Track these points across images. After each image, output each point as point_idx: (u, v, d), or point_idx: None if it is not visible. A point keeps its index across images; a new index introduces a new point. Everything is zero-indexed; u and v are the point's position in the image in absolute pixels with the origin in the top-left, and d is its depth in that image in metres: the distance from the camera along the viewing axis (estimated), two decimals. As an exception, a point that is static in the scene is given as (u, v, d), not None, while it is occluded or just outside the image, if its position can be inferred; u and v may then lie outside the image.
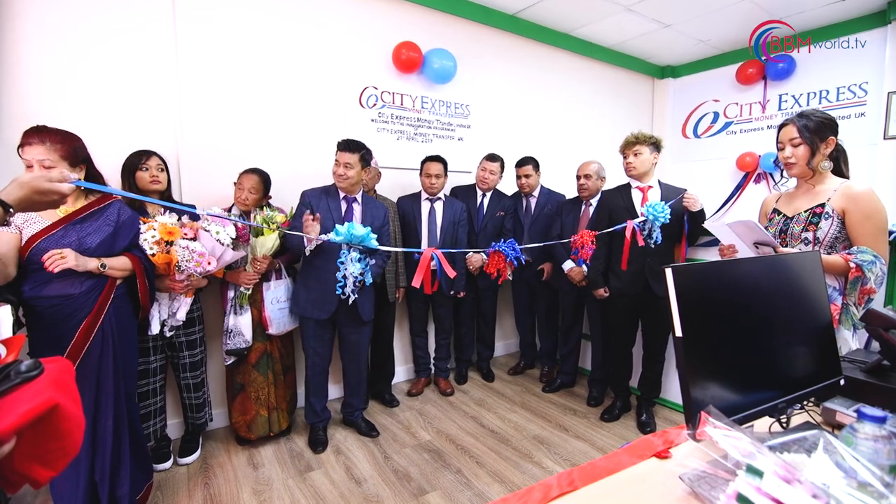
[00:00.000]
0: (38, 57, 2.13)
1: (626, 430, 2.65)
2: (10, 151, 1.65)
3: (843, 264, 1.57)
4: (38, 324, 1.62)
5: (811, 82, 3.99)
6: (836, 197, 1.65)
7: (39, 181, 0.90)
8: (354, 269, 2.11)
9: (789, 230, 1.74)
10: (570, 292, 3.06)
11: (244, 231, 2.26)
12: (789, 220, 1.75)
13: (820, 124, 1.66)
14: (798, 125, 1.67)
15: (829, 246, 1.66)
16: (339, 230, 2.07)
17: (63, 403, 0.60)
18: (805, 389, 0.99)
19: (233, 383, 2.43)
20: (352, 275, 2.12)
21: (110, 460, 1.69)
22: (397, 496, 2.06)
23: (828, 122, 1.67)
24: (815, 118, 1.66)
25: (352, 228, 2.07)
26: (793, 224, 1.73)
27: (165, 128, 2.44)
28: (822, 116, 1.67)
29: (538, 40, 3.91)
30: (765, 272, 0.99)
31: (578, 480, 0.85)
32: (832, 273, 1.60)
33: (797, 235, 1.71)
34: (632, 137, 2.49)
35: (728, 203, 4.51)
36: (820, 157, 1.68)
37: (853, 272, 1.55)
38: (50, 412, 0.59)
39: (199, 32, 2.50)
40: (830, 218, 1.64)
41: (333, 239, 2.08)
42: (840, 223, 1.63)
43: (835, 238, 1.65)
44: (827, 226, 1.64)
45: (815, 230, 1.66)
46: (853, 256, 1.56)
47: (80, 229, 1.64)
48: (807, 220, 1.69)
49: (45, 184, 0.90)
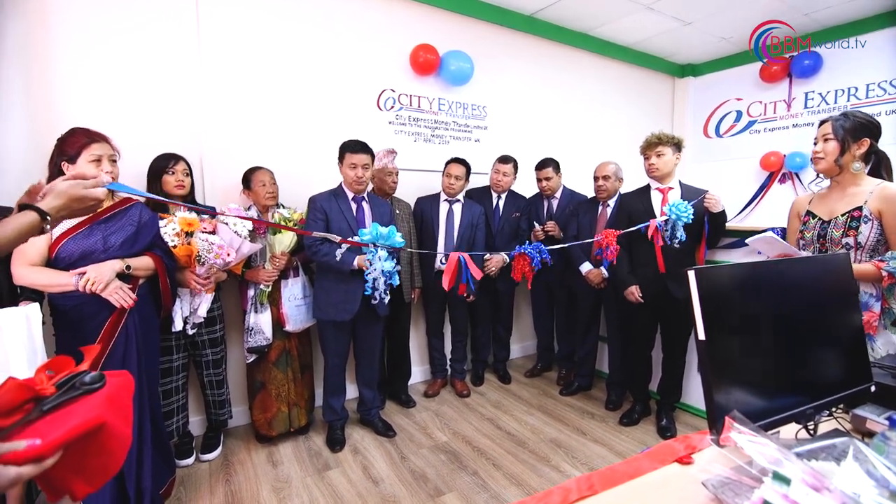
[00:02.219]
0: (73, 65, 2.21)
1: (645, 434, 2.61)
2: (44, 152, 1.71)
3: (875, 272, 1.51)
4: (63, 323, 1.67)
5: (839, 79, 3.87)
6: (872, 199, 1.60)
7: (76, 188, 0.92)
8: (387, 266, 2.12)
9: (828, 235, 1.68)
10: (588, 294, 3.03)
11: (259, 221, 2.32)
12: (826, 225, 1.70)
13: (857, 124, 1.62)
14: (834, 122, 1.65)
15: (871, 250, 1.61)
16: (365, 231, 2.10)
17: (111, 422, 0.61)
18: (834, 395, 0.96)
19: (253, 381, 2.47)
20: (381, 274, 2.12)
21: (136, 455, 1.74)
22: (414, 497, 2.07)
23: (866, 124, 1.62)
24: (855, 118, 1.63)
25: (377, 228, 2.09)
26: (831, 229, 1.68)
27: (189, 132, 2.50)
28: (864, 118, 1.63)
29: (555, 40, 3.89)
30: (791, 275, 0.97)
31: (598, 485, 0.84)
32: (866, 281, 1.55)
33: (837, 241, 1.66)
34: (654, 138, 2.44)
35: (752, 203, 4.41)
36: (850, 157, 1.63)
37: (886, 280, 1.49)
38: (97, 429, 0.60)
39: (222, 39, 2.56)
40: (870, 221, 1.59)
41: (361, 240, 2.10)
42: (880, 226, 1.58)
43: (876, 242, 1.59)
44: (867, 230, 1.59)
45: (856, 235, 1.61)
46: (886, 264, 1.50)
47: (104, 228, 1.69)
48: (846, 224, 1.64)
49: (82, 191, 0.93)
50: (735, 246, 2.71)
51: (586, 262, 2.90)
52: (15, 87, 2.10)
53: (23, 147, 2.11)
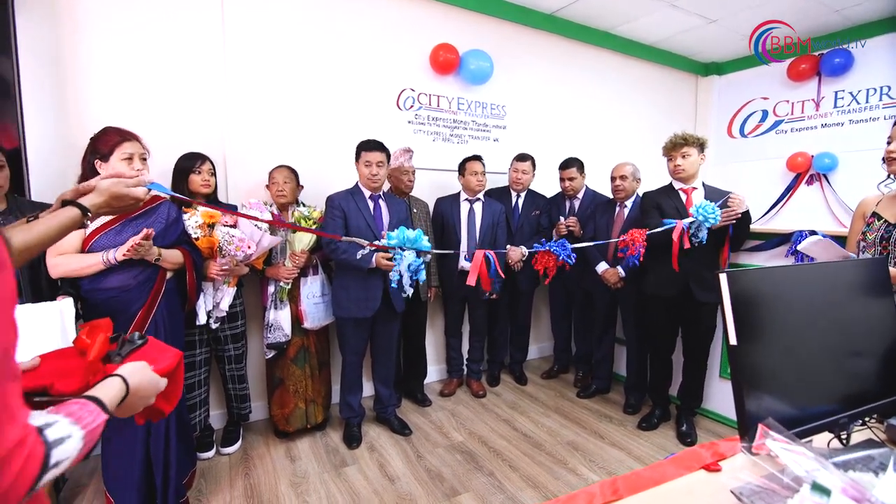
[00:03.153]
0: (102, 68, 2.28)
1: (664, 439, 2.57)
2: (76, 151, 1.76)
3: None
4: (95, 317, 1.71)
5: (871, 78, 3.75)
6: None
7: (118, 186, 0.95)
8: (411, 258, 2.10)
9: (892, 238, 1.60)
10: (604, 295, 2.99)
11: (279, 217, 2.36)
12: (892, 228, 1.61)
13: None
14: None
15: None
16: (392, 235, 2.11)
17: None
18: (869, 405, 0.93)
19: (272, 377, 2.51)
20: (408, 269, 2.12)
21: (163, 446, 1.78)
22: (430, 496, 2.07)
23: None
24: None
25: (403, 232, 2.10)
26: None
27: (213, 132, 2.55)
28: None
29: (576, 39, 3.85)
30: (826, 280, 0.94)
31: (623, 489, 0.83)
32: None
33: None
34: (679, 139, 2.40)
35: (777, 205, 4.30)
36: None
37: None
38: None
39: (245, 41, 2.60)
40: None
41: (388, 243, 2.12)
42: None
43: None
44: None
45: None
46: None
47: (135, 225, 1.74)
48: None
49: (123, 189, 0.96)
50: (760, 249, 2.64)
51: (602, 261, 2.87)
52: (46, 88, 2.16)
53: (54, 147, 2.17)
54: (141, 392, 0.72)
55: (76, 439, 0.53)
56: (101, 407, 0.60)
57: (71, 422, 0.54)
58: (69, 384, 0.69)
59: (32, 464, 0.47)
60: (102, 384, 0.66)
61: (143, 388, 0.72)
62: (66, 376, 0.70)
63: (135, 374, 0.71)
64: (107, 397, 0.63)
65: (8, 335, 0.47)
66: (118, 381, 0.68)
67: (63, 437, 0.51)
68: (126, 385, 0.69)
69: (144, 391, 0.73)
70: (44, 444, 0.49)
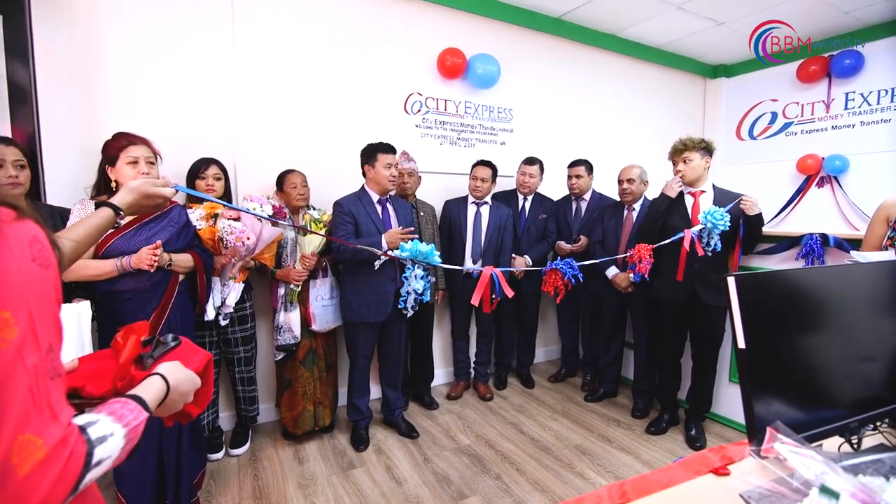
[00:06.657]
0: (117, 75, 2.32)
1: (673, 444, 2.55)
2: (93, 157, 1.79)
3: None
4: (109, 320, 1.74)
5: (882, 78, 3.71)
6: None
7: (147, 186, 0.98)
8: (418, 286, 2.19)
9: None
10: (613, 299, 2.98)
11: (281, 209, 2.39)
12: None
13: None
14: None
15: None
16: (405, 247, 2.14)
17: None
18: (880, 409, 0.93)
19: (281, 380, 2.53)
20: (414, 291, 2.20)
21: (176, 446, 1.80)
22: (437, 499, 2.08)
23: None
24: None
25: (417, 245, 2.13)
26: None
27: (224, 137, 2.58)
28: None
29: (583, 42, 3.85)
30: (837, 282, 0.93)
31: (631, 493, 0.83)
32: None
33: None
34: (680, 144, 2.39)
35: (788, 207, 4.26)
36: None
37: None
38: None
39: (255, 48, 2.64)
40: None
41: (400, 255, 2.14)
42: None
43: None
44: None
45: None
46: None
47: (149, 229, 1.77)
48: None
49: (152, 188, 0.99)
50: (772, 252, 2.62)
51: (612, 266, 2.86)
52: (61, 95, 2.21)
53: (69, 152, 2.21)
54: (181, 389, 0.73)
55: (118, 437, 0.53)
56: (142, 405, 0.61)
57: (113, 420, 0.54)
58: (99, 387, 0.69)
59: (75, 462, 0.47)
60: (143, 383, 0.67)
61: (182, 386, 0.73)
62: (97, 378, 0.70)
63: (173, 373, 0.72)
64: (148, 396, 0.64)
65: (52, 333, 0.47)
66: (158, 380, 0.69)
67: (105, 435, 0.52)
68: (167, 383, 0.70)
69: (184, 388, 0.74)
70: (86, 442, 0.49)
